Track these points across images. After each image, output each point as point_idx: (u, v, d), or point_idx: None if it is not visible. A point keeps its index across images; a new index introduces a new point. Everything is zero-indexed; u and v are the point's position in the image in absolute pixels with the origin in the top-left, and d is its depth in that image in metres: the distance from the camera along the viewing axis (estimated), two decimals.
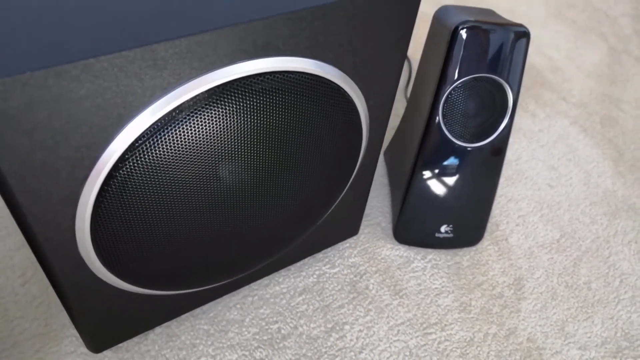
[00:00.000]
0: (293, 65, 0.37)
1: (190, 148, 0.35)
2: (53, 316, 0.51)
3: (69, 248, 0.36)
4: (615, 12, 1.18)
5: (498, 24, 0.51)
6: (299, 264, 0.59)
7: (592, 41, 1.06)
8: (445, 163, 0.57)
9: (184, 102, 0.33)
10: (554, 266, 0.62)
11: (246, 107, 0.36)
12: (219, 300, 0.54)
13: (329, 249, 0.60)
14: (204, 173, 0.37)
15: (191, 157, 0.36)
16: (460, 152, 0.56)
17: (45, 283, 0.53)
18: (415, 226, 0.61)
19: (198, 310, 0.53)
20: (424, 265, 0.60)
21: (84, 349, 0.49)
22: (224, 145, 0.37)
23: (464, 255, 0.62)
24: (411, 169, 0.58)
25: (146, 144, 0.33)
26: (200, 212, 0.40)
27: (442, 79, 0.52)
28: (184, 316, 0.53)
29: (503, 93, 0.53)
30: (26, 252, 0.56)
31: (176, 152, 0.35)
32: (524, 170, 0.75)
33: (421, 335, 0.54)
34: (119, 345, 0.50)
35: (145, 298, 0.46)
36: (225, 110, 0.35)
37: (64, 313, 0.51)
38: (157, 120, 0.33)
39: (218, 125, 0.35)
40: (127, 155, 0.33)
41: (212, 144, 0.36)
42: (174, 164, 0.35)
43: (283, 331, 0.53)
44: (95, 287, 0.41)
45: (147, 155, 0.34)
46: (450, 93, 0.53)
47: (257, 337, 0.52)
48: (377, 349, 0.52)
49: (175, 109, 0.33)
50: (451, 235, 0.61)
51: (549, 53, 1.01)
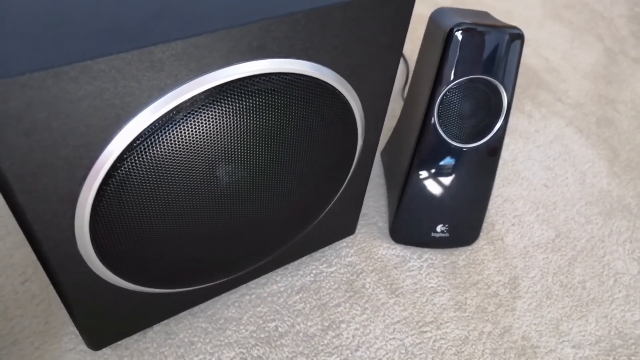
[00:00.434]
0: (288, 67, 0.37)
1: (187, 148, 0.36)
2: (53, 314, 0.52)
3: (68, 246, 0.37)
4: (611, 13, 1.18)
5: (492, 26, 0.52)
6: (296, 262, 0.59)
7: (589, 42, 1.07)
8: (440, 163, 0.57)
9: (181, 103, 0.34)
10: (549, 265, 0.63)
11: (242, 108, 0.36)
12: (217, 298, 0.55)
13: (326, 248, 0.61)
14: (202, 172, 0.38)
15: (189, 157, 0.36)
16: (455, 153, 0.57)
17: (45, 281, 0.54)
18: (412, 226, 0.61)
19: (196, 309, 0.54)
20: (420, 265, 0.61)
21: (83, 347, 0.50)
22: (221, 145, 0.37)
23: (460, 255, 0.63)
24: (407, 169, 0.59)
25: (144, 144, 0.34)
26: (198, 211, 0.40)
27: (438, 80, 0.53)
28: (182, 314, 0.53)
29: (498, 94, 0.54)
30: (26, 251, 0.56)
31: (174, 152, 0.35)
32: (520, 171, 0.75)
33: (417, 334, 0.55)
34: (118, 342, 0.50)
35: (144, 296, 0.46)
36: (222, 110, 0.36)
37: (64, 311, 0.52)
38: (155, 121, 0.34)
39: (215, 126, 0.36)
40: (126, 155, 0.34)
41: (209, 144, 0.37)
42: (172, 164, 0.36)
43: (280, 329, 0.53)
44: (94, 285, 0.41)
45: (145, 155, 0.34)
46: (446, 94, 0.53)
47: (255, 335, 0.52)
48: (373, 347, 0.53)
49: (172, 109, 0.34)
50: (447, 234, 0.62)
51: (545, 54, 1.01)
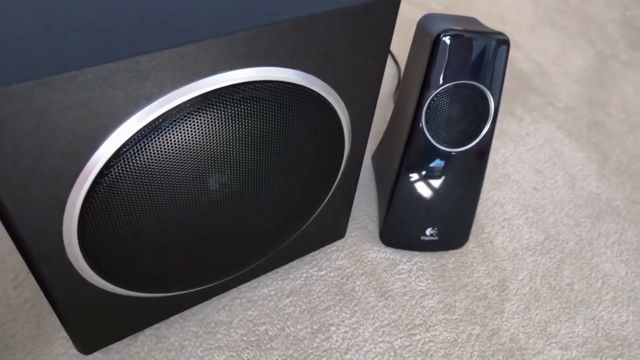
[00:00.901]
0: (274, 74, 0.38)
1: (174, 155, 0.36)
2: (45, 319, 0.52)
3: (57, 252, 0.37)
4: (603, 18, 1.19)
5: (479, 32, 0.52)
6: (286, 266, 0.60)
7: (580, 46, 1.08)
8: (429, 167, 0.58)
9: (167, 111, 0.34)
10: (538, 268, 0.64)
11: (228, 116, 0.37)
12: (207, 302, 0.55)
13: (317, 252, 0.62)
14: (189, 179, 0.38)
15: (175, 164, 0.37)
16: (443, 157, 0.58)
17: (37, 286, 0.55)
18: (401, 229, 0.62)
19: (187, 312, 0.54)
20: (410, 268, 0.62)
21: (74, 351, 0.50)
22: (207, 152, 0.38)
23: (450, 258, 0.63)
24: (396, 173, 0.59)
25: (131, 152, 0.34)
26: (186, 217, 0.41)
27: (425, 85, 0.53)
28: (173, 318, 0.54)
29: (485, 99, 0.55)
30: (18, 256, 0.57)
31: (160, 159, 0.36)
32: (509, 174, 0.76)
33: (406, 336, 0.55)
34: (108, 347, 0.51)
35: (134, 300, 0.47)
36: (208, 118, 0.36)
37: (55, 316, 0.53)
38: (142, 129, 0.34)
39: (201, 133, 0.36)
40: (113, 163, 0.34)
41: (196, 151, 0.37)
42: (159, 170, 0.36)
43: (270, 332, 0.54)
44: (83, 290, 0.42)
45: (132, 162, 0.35)
46: (433, 99, 0.54)
47: (245, 339, 0.53)
48: (363, 350, 0.53)
49: (158, 117, 0.34)
50: (436, 238, 0.62)
51: (536, 58, 1.02)
